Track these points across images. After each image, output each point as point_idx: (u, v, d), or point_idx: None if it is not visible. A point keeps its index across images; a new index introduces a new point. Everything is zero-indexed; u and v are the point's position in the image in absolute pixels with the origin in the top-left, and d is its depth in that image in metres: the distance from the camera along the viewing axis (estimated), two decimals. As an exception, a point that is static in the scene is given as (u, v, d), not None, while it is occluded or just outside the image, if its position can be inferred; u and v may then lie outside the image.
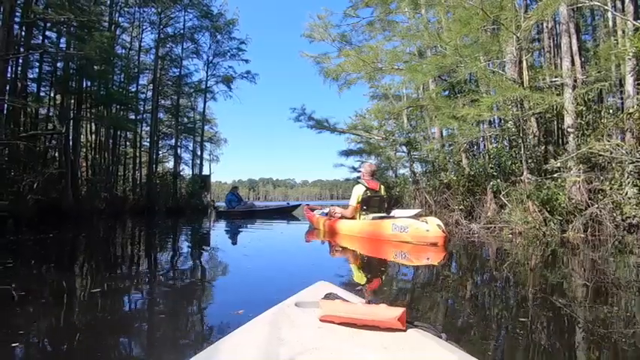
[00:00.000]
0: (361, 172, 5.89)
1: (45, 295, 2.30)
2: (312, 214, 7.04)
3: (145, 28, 15.85)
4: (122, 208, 12.72)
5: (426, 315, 1.81)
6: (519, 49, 4.89)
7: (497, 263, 3.28)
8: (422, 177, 7.68)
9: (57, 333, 1.65)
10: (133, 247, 4.96)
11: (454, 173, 6.83)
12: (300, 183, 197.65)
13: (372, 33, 8.05)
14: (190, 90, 18.08)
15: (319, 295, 0.93)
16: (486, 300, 2.15)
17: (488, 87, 6.33)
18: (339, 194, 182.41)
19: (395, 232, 4.48)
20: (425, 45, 6.45)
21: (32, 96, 10.56)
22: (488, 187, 6.16)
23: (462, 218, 6.53)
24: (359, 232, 5.18)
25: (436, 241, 4.11)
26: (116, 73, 13.65)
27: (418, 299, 2.16)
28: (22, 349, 1.44)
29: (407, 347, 0.71)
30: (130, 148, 16.33)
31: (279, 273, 3.01)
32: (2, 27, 7.48)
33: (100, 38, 9.05)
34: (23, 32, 9.69)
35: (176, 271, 3.04)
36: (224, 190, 66.35)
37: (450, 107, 5.29)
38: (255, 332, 0.80)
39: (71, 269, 3.26)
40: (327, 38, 7.63)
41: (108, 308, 2.00)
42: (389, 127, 9.46)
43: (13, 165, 8.47)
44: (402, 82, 7.92)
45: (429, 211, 7.32)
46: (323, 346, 0.70)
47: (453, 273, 2.97)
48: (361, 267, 3.33)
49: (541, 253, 3.73)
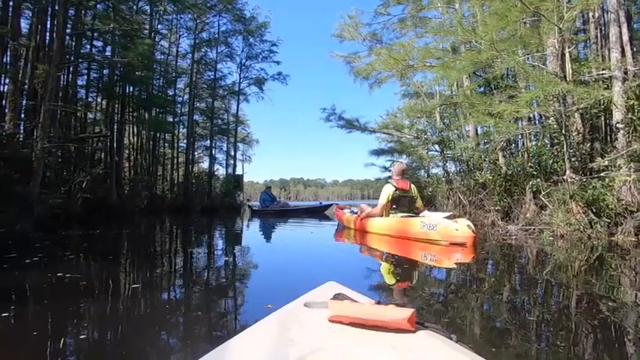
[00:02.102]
0: (391, 171, 5.85)
1: (99, 284, 2.50)
2: (342, 213, 7.07)
3: (182, 34, 16.56)
4: (161, 207, 13.36)
5: (446, 318, 1.76)
6: (562, 41, 4.61)
7: (536, 266, 3.13)
8: (455, 176, 7.45)
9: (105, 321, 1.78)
10: (173, 243, 5.21)
11: (490, 172, 6.56)
12: (330, 183, 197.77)
13: (403, 30, 7.93)
14: (224, 92, 18.65)
15: (328, 295, 0.93)
16: (520, 305, 2.05)
17: (527, 82, 6.04)
18: (370, 194, 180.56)
19: (424, 230, 4.45)
20: (459, 41, 6.24)
21: (82, 102, 11.35)
22: (528, 187, 5.87)
23: (498, 219, 6.28)
24: (387, 230, 5.16)
25: (465, 241, 4.02)
26: (155, 77, 14.36)
27: (442, 301, 2.10)
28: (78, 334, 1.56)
29: (416, 348, 0.70)
30: (168, 149, 17.10)
31: (307, 269, 3.05)
32: (56, 38, 8.10)
33: (141, 45, 9.56)
34: (73, 42, 10.46)
35: (212, 267, 3.17)
36: (256, 190, 67.82)
37: (486, 104, 5.09)
38: (264, 333, 0.80)
39: (119, 263, 3.49)
40: (358, 37, 7.60)
41: (148, 301, 2.13)
42: (420, 126, 9.26)
43: (66, 166, 9.16)
44: (435, 80, 7.72)
45: (464, 211, 7.10)
46: (332, 346, 0.71)
47: (484, 275, 2.86)
48: (387, 266, 3.31)
49: (586, 257, 3.51)
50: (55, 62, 7.52)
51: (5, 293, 2.18)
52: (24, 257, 3.36)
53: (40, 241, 4.58)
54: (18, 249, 3.94)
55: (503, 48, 4.76)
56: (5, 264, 3.10)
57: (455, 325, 1.65)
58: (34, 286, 2.42)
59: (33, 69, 8.37)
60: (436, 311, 1.88)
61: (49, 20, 8.98)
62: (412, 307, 0.78)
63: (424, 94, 8.21)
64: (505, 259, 3.56)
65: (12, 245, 4.24)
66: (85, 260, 3.51)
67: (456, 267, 3.18)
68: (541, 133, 5.82)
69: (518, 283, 2.57)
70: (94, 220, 7.81)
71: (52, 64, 7.49)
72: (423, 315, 1.65)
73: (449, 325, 1.61)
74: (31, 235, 5.15)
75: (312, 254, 4.11)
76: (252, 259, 3.63)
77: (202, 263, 3.40)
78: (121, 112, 12.40)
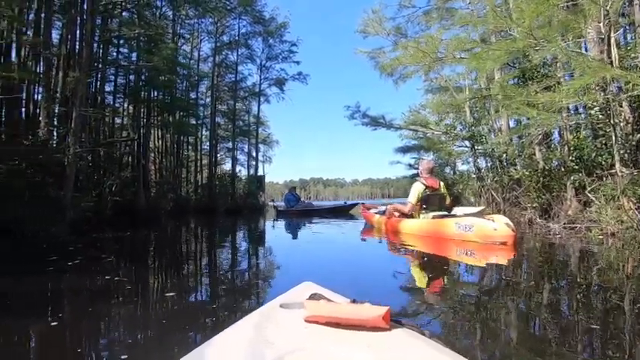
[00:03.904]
0: (419, 169, 5.63)
1: (145, 287, 2.49)
2: (369, 212, 6.92)
3: (203, 38, 16.80)
4: (186, 208, 13.58)
5: (492, 324, 1.62)
6: (608, 25, 4.26)
7: (583, 267, 2.88)
8: (487, 173, 7.12)
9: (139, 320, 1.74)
10: (202, 244, 5.21)
11: (526, 168, 6.21)
12: (350, 182, 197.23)
13: (429, 23, 7.65)
14: (245, 94, 18.80)
15: (304, 295, 0.93)
16: (568, 308, 1.87)
17: (566, 70, 5.68)
18: (391, 193, 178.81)
19: (459, 231, 4.23)
20: (489, 31, 5.94)
21: (110, 107, 11.67)
22: (569, 183, 5.52)
23: (536, 217, 5.95)
24: (419, 232, 4.96)
25: (505, 240, 3.79)
26: (179, 81, 14.63)
27: (482, 302, 1.96)
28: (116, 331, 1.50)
29: (392, 345, 0.71)
30: (192, 151, 17.40)
31: (338, 270, 2.92)
32: (85, 46, 8.33)
33: (165, 50, 9.72)
34: (101, 50, 10.76)
35: (244, 268, 3.09)
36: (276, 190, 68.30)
37: (523, 95, 4.79)
38: (240, 334, 0.80)
39: (158, 266, 3.50)
40: (382, 32, 7.39)
41: (178, 302, 2.07)
42: (449, 121, 8.95)
43: (96, 170, 9.41)
44: (465, 72, 7.41)
45: (497, 209, 6.78)
46: (308, 346, 0.71)
47: (526, 275, 2.64)
48: (421, 266, 3.15)
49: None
50: (84, 69, 7.73)
51: (60, 296, 2.26)
52: (64, 260, 3.41)
53: (73, 244, 4.67)
54: (56, 252, 4.01)
55: (542, 35, 4.46)
56: (50, 267, 3.15)
57: (490, 329, 1.54)
58: (85, 289, 2.44)
59: (64, 76, 8.64)
60: (470, 314, 1.76)
61: (77, 29, 9.26)
62: (386, 304, 0.77)
63: (452, 88, 7.91)
64: (548, 259, 3.31)
65: (47, 248, 4.34)
66: (124, 263, 3.54)
67: (494, 267, 2.98)
68: (583, 124, 5.45)
69: (564, 286, 2.36)
70: (123, 223, 7.98)
71: (81, 71, 7.70)
72: (401, 313, 1.67)
73: (486, 331, 1.53)
74: (66, 238, 5.26)
75: (343, 255, 3.97)
76: (281, 260, 3.53)
77: (243, 267, 3.33)
78: (147, 116, 12.67)
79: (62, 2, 9.14)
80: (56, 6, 9.03)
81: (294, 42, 18.33)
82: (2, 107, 7.99)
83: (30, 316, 1.83)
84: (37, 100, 8.74)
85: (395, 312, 1.78)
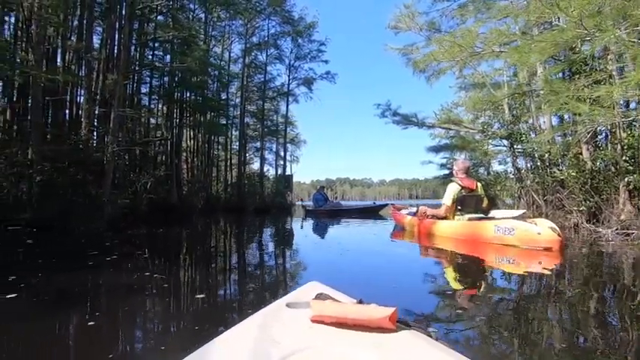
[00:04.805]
0: (453, 169, 5.37)
1: (182, 283, 2.51)
2: (400, 213, 6.72)
3: (233, 40, 17.12)
4: (216, 207, 13.88)
5: (532, 336, 1.47)
6: (672, 10, 3.84)
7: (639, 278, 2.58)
8: (527, 174, 6.70)
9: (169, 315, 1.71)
10: (231, 243, 5.24)
11: (572, 168, 5.78)
12: (377, 182, 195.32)
13: (464, 17, 7.31)
14: (274, 94, 18.97)
15: (310, 295, 0.93)
16: (620, 323, 1.64)
17: (619, 63, 5.22)
18: (419, 193, 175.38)
19: (498, 234, 3.98)
20: (532, 22, 5.57)
21: (145, 108, 12.12)
22: (621, 185, 5.08)
23: (582, 221, 5.52)
24: (454, 234, 4.73)
25: (550, 245, 3.52)
26: (210, 82, 14.98)
27: (520, 311, 1.81)
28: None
29: (398, 346, 0.71)
30: (222, 151, 17.78)
31: (368, 273, 2.79)
32: (123, 49, 8.67)
33: (197, 51, 9.94)
34: (137, 53, 11.21)
35: (272, 266, 3.04)
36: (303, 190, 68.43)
37: (570, 90, 4.43)
38: (246, 333, 0.80)
39: (193, 262, 3.53)
40: (414, 27, 7.14)
41: (211, 301, 2.04)
42: (483, 119, 8.53)
43: (132, 168, 9.79)
44: (504, 67, 7.01)
45: (538, 212, 6.36)
46: (314, 346, 0.71)
47: (572, 284, 2.40)
48: (455, 270, 2.96)
49: None
50: (122, 71, 8.04)
51: (100, 290, 2.31)
52: (103, 255, 3.51)
53: (109, 240, 4.82)
54: (94, 247, 4.16)
55: (593, 24, 4.10)
56: (90, 261, 3.26)
57: (530, 341, 1.43)
58: (122, 284, 2.48)
59: (104, 79, 9.04)
60: (506, 323, 1.64)
61: (116, 34, 9.67)
62: (393, 305, 0.76)
63: (489, 84, 7.52)
64: (597, 267, 3.03)
65: (85, 244, 4.50)
66: (158, 259, 3.59)
67: (536, 274, 2.75)
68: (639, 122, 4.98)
69: (615, 298, 2.11)
70: (156, 220, 8.22)
71: (119, 73, 8.01)
72: (407, 314, 1.50)
73: (523, 343, 1.43)
74: (103, 233, 5.46)
75: (374, 257, 3.83)
76: (310, 261, 3.45)
77: (271, 265, 3.29)
78: (180, 116, 13.07)
79: (102, 8, 9.58)
80: (97, 12, 9.47)
81: (322, 41, 18.33)
82: (49, 109, 8.48)
83: (74, 308, 1.89)
84: (79, 102, 9.21)
85: (423, 317, 1.68)
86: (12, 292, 2.03)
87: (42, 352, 1.36)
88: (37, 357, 1.33)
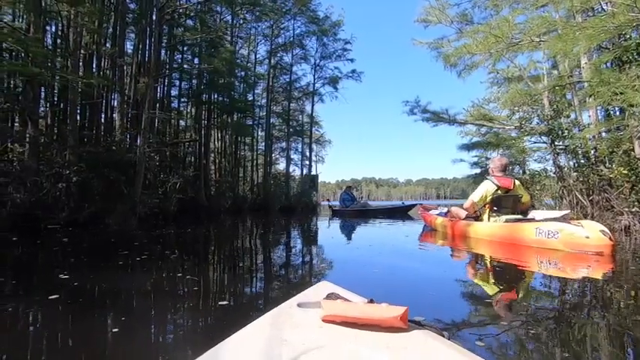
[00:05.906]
0: (489, 167, 5.04)
1: (213, 286, 2.47)
2: (428, 214, 6.45)
3: (259, 41, 17.29)
4: (243, 206, 14.05)
5: (574, 347, 1.25)
6: None
7: None
8: (570, 172, 6.23)
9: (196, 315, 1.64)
10: (257, 243, 5.20)
11: (623, 166, 5.31)
12: (403, 182, 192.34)
13: (498, 7, 6.91)
14: (299, 94, 19.00)
15: (321, 295, 0.93)
16: None
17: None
18: (447, 193, 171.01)
19: (540, 237, 3.66)
20: (576, 8, 5.15)
21: (175, 110, 12.46)
22: (681, 184, 4.59)
23: (635, 223, 5.05)
24: (490, 236, 4.43)
25: (600, 249, 3.18)
26: (236, 84, 15.20)
27: (564, 319, 1.63)
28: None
29: (409, 346, 0.71)
30: (248, 151, 18.01)
31: (399, 276, 2.62)
32: (153, 53, 8.92)
33: (224, 52, 10.07)
34: (167, 57, 11.54)
35: (298, 265, 2.94)
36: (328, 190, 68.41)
37: (622, 80, 4.04)
38: (257, 333, 0.80)
39: (211, 261, 3.49)
40: (445, 20, 6.84)
41: (234, 308, 1.96)
42: (519, 115, 8.05)
43: (162, 169, 10.06)
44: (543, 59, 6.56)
45: (583, 213, 5.90)
46: (325, 346, 0.71)
47: (626, 293, 2.11)
48: (491, 274, 2.72)
49: None
50: (152, 74, 8.25)
51: (131, 290, 2.29)
52: (134, 255, 3.54)
53: (139, 239, 4.90)
54: (124, 246, 4.22)
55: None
56: (120, 261, 3.29)
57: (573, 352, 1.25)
58: (152, 284, 2.47)
59: (136, 82, 9.35)
60: (548, 331, 1.48)
61: (147, 39, 9.98)
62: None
63: (527, 77, 7.06)
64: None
65: (116, 243, 4.59)
66: (187, 259, 3.58)
67: (584, 281, 2.46)
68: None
69: None
70: (185, 219, 8.36)
71: (150, 76, 8.23)
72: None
73: (563, 351, 1.29)
74: (133, 232, 5.58)
75: (404, 258, 3.64)
76: (341, 263, 3.31)
77: (298, 264, 3.20)
78: (208, 118, 13.33)
79: (135, 14, 9.91)
80: (129, 18, 9.81)
81: (347, 40, 18.14)
82: (85, 112, 8.87)
83: (110, 308, 1.92)
84: (113, 105, 9.57)
85: (456, 323, 1.54)
86: (55, 293, 2.06)
87: (73, 354, 1.36)
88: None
